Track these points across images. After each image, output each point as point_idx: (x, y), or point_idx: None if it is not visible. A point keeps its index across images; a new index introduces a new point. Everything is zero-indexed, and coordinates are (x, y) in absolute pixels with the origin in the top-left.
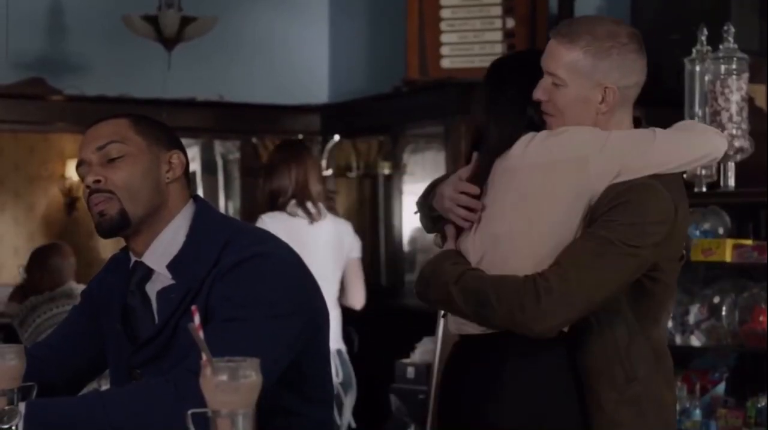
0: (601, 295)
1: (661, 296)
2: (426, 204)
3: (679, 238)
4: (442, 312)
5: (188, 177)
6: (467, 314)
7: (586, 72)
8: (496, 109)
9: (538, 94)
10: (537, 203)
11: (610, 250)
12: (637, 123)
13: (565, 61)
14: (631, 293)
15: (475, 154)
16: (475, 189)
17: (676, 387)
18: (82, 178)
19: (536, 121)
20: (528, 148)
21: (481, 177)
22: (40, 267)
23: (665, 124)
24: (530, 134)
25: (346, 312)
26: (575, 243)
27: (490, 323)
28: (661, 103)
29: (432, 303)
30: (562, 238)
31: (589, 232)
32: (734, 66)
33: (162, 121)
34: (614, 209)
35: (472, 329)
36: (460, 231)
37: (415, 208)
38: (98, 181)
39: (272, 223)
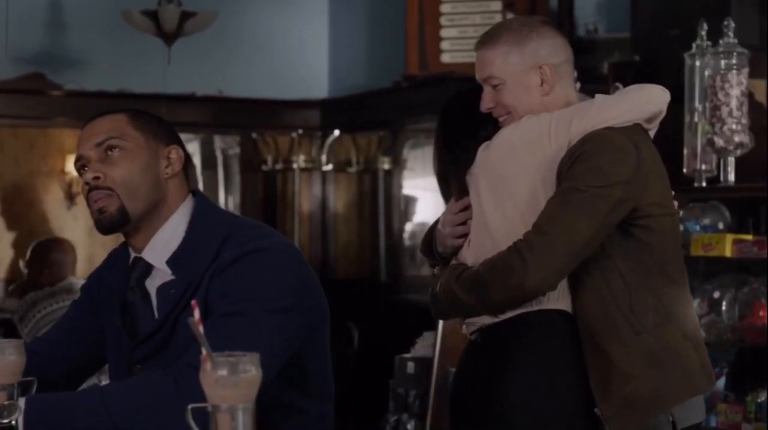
0: (580, 239)
1: (658, 247)
2: (433, 251)
3: (654, 179)
4: None
5: (187, 172)
6: (472, 304)
7: (516, 61)
8: (454, 144)
9: (484, 104)
10: (505, 192)
11: (576, 196)
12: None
13: (495, 61)
14: (622, 245)
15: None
16: (465, 216)
17: (702, 348)
18: (80, 174)
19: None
20: (485, 151)
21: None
22: (41, 262)
23: (665, 119)
24: (485, 143)
25: (347, 308)
26: (547, 203)
27: (492, 302)
28: None
29: (446, 313)
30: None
31: (557, 191)
32: (734, 61)
33: (160, 116)
34: (574, 163)
35: (480, 321)
36: None
37: (423, 257)
38: (97, 177)
39: None
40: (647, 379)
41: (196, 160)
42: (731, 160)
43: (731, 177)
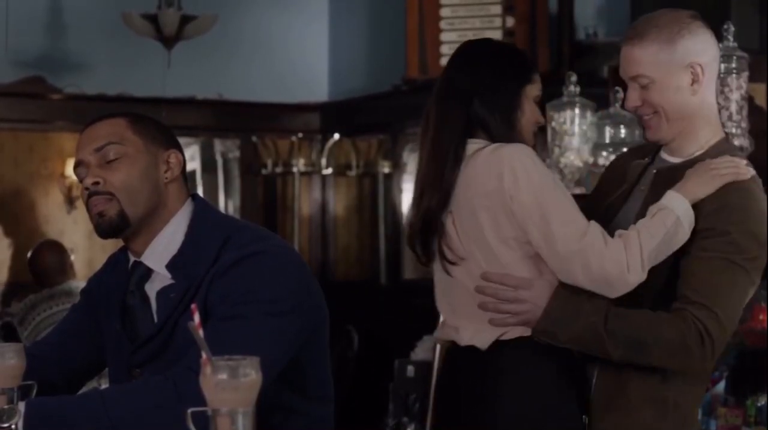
0: (739, 316)
1: None
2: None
3: None
4: None
5: (186, 176)
6: (616, 357)
7: (667, 59)
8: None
9: (631, 102)
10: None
11: (739, 275)
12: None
13: (644, 59)
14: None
15: None
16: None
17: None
18: (80, 179)
19: (480, 116)
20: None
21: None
22: (41, 264)
23: None
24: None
25: (347, 311)
26: (707, 270)
27: (645, 363)
28: None
29: (555, 342)
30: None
31: (712, 248)
32: (734, 65)
33: (159, 120)
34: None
35: (480, 342)
36: None
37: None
38: (97, 182)
39: None
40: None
41: (196, 164)
42: None
43: None
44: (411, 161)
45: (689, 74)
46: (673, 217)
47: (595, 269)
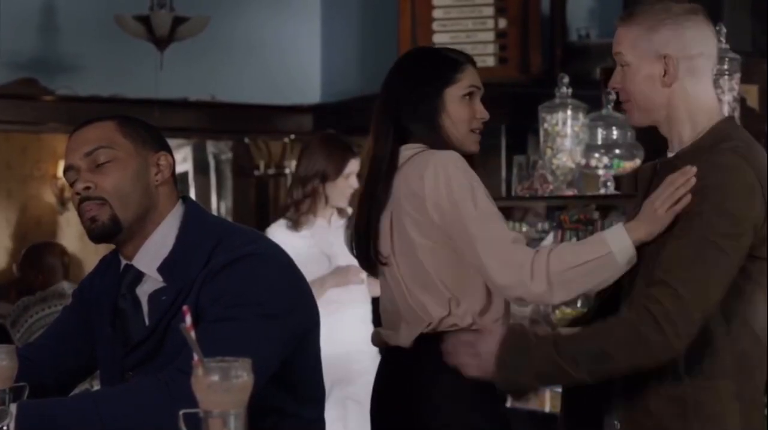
0: (715, 297)
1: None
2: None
3: None
4: None
5: (175, 178)
6: (583, 379)
7: (644, 46)
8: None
9: (612, 83)
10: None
11: (709, 250)
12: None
13: (625, 40)
14: None
15: None
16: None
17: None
18: (70, 183)
19: (405, 125)
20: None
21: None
22: (33, 266)
23: None
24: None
25: None
26: (674, 250)
27: (614, 372)
28: None
29: (521, 386)
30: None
31: (683, 232)
32: (726, 66)
33: (148, 122)
34: (702, 201)
35: (403, 341)
36: None
37: None
38: (88, 187)
39: None
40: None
41: (189, 165)
42: None
43: None
44: None
45: (661, 65)
46: (605, 250)
47: (502, 271)
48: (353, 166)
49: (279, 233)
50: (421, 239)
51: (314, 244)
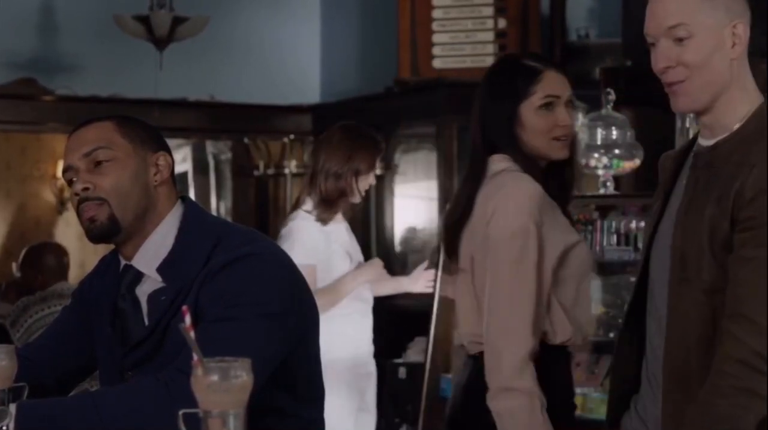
0: None
1: None
2: None
3: None
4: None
5: (174, 178)
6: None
7: (710, 12)
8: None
9: (662, 62)
10: None
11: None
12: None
13: (685, 8)
14: None
15: None
16: None
17: None
18: (69, 183)
19: (490, 138)
20: None
21: None
22: (33, 266)
23: (658, 125)
24: None
25: None
26: (755, 276)
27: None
28: (653, 105)
29: None
30: None
31: (758, 254)
32: None
33: (147, 122)
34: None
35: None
36: None
37: (413, 261)
38: (87, 188)
39: None
40: None
41: (188, 165)
42: None
43: None
44: (403, 163)
45: (731, 35)
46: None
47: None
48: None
49: (310, 227)
50: (482, 256)
51: (335, 239)
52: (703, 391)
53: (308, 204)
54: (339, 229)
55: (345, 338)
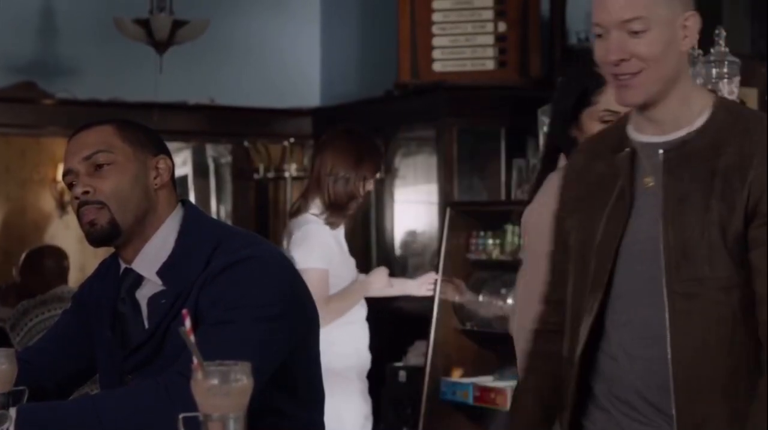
0: None
1: None
2: None
3: None
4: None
5: (174, 181)
6: None
7: (665, 3)
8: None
9: (616, 54)
10: None
11: None
12: None
13: (642, 2)
14: None
15: None
16: None
17: None
18: (69, 187)
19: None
20: None
21: None
22: (33, 269)
23: None
24: None
25: None
26: None
27: None
28: None
29: None
30: None
31: None
32: (725, 69)
33: (147, 125)
34: None
35: None
36: None
37: (414, 265)
38: (87, 192)
39: None
40: None
41: (188, 169)
42: None
43: None
44: (403, 167)
45: (683, 27)
46: None
47: None
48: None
49: (323, 231)
50: None
51: (339, 244)
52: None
53: (314, 208)
54: (341, 233)
55: (358, 345)
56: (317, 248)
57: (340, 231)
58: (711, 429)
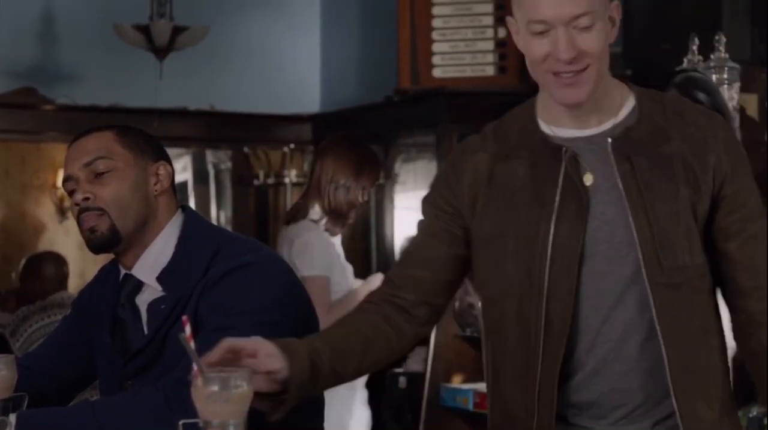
0: None
1: None
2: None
3: None
4: None
5: (174, 187)
6: None
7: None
8: None
9: (569, 51)
10: None
11: None
12: None
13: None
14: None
15: None
16: None
17: None
18: (69, 193)
19: None
20: None
21: None
22: (33, 275)
23: None
24: None
25: None
26: (753, 256)
27: None
28: None
29: None
30: None
31: (746, 234)
32: (725, 76)
33: (147, 132)
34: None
35: None
36: None
37: None
38: (87, 198)
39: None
40: None
41: (188, 175)
42: None
43: None
44: (403, 172)
45: (610, 18)
46: None
47: None
48: None
49: (322, 237)
50: None
51: (337, 250)
52: None
53: (314, 214)
54: (338, 240)
55: None
56: (318, 256)
57: (338, 238)
58: (709, 419)
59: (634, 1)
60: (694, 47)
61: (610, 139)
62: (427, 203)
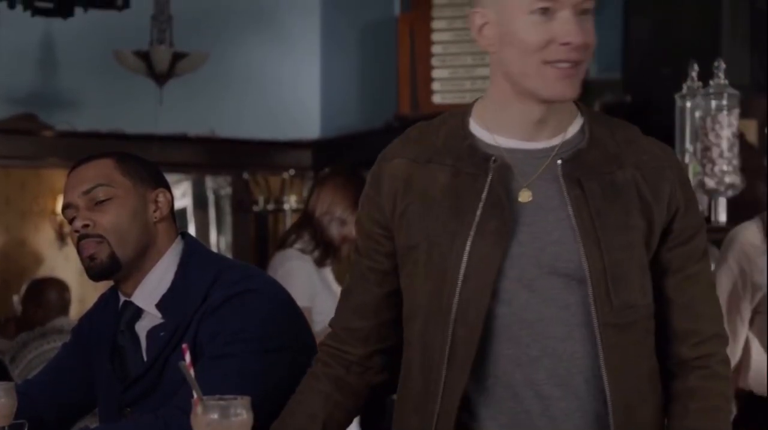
0: None
1: None
2: None
3: None
4: None
5: (174, 214)
6: None
7: None
8: None
9: (580, 36)
10: None
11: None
12: None
13: None
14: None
15: None
16: None
17: None
18: (69, 221)
19: None
20: None
21: None
22: (35, 301)
23: None
24: None
25: None
26: (708, 291)
27: None
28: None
29: None
30: None
31: (702, 268)
32: (725, 102)
33: (146, 159)
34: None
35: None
36: None
37: None
38: (86, 225)
39: None
40: None
41: (188, 201)
42: (722, 200)
43: (722, 218)
44: None
45: None
46: None
47: None
48: None
49: (307, 268)
50: None
51: (326, 280)
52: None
53: (301, 243)
54: (327, 271)
55: None
56: (299, 285)
57: (327, 269)
58: None
59: (634, 26)
60: (694, 73)
61: (560, 161)
62: (358, 225)
